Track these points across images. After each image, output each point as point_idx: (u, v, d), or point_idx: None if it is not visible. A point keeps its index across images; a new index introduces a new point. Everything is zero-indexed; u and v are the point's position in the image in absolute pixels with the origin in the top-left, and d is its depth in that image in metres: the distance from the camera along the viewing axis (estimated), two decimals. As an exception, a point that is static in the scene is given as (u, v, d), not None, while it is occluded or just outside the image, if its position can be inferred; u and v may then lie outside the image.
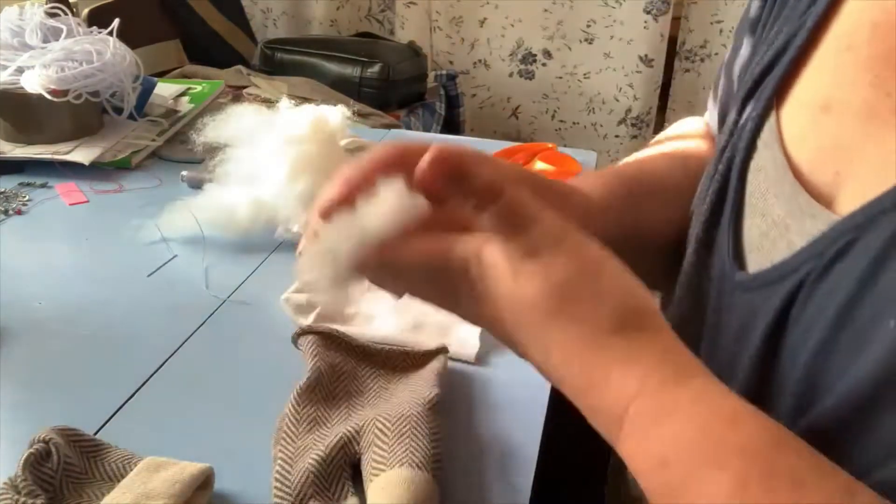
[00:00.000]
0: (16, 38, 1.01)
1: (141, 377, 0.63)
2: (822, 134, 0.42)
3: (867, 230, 0.36)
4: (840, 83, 0.42)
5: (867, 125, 0.39)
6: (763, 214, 0.45)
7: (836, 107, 0.42)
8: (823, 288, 0.38)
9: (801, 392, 0.38)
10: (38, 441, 0.49)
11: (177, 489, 0.48)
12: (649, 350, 0.37)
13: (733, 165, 0.48)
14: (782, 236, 0.42)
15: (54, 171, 0.98)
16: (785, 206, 0.43)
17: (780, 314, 0.40)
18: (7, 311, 0.70)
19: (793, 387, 0.39)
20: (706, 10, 2.11)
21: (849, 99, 0.41)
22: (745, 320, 0.43)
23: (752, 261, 0.45)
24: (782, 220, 0.43)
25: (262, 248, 0.83)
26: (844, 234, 0.37)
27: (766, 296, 0.41)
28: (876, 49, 0.40)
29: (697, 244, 0.50)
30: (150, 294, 0.75)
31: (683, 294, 0.52)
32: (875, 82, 0.39)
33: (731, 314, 0.45)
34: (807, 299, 0.39)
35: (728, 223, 0.47)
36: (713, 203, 0.49)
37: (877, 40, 0.40)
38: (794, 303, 0.39)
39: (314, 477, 0.50)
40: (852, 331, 0.36)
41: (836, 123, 0.41)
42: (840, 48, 0.43)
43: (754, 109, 0.48)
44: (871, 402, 0.34)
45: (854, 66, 0.41)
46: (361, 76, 1.78)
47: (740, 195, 0.47)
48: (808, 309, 0.39)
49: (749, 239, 0.46)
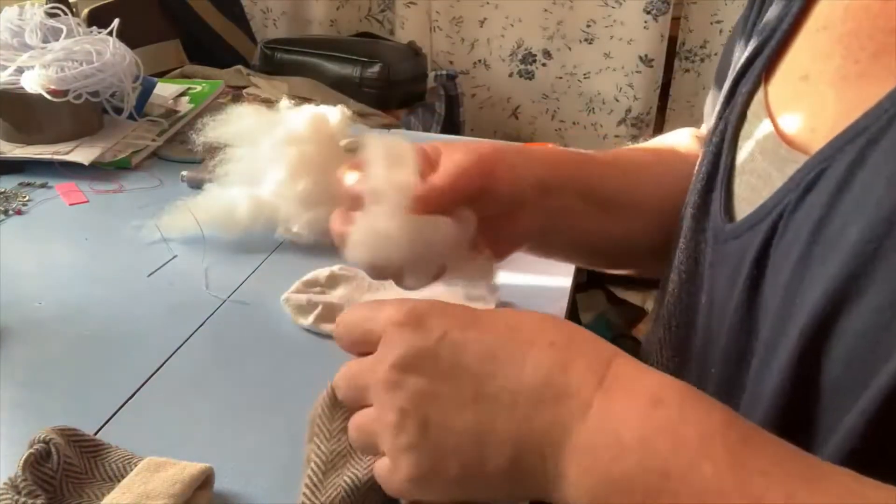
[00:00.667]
0: (16, 38, 1.01)
1: (141, 377, 0.63)
2: (801, 99, 0.48)
3: (834, 160, 0.40)
4: (817, 57, 0.48)
5: (838, 87, 0.45)
6: (751, 171, 0.49)
7: (813, 76, 0.47)
8: (799, 216, 0.42)
9: (781, 308, 0.41)
10: (39, 441, 0.49)
11: (177, 489, 0.48)
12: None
13: (726, 136, 0.53)
14: (766, 185, 0.46)
15: (54, 171, 0.98)
16: (769, 159, 0.47)
17: (763, 247, 0.44)
18: (7, 311, 0.70)
19: (775, 307, 0.42)
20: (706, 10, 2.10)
21: (823, 69, 0.46)
22: (735, 264, 0.47)
23: (741, 213, 0.49)
24: (766, 172, 0.47)
25: (262, 248, 0.83)
26: (815, 167, 0.41)
27: (752, 236, 0.45)
28: (847, 27, 0.46)
29: (694, 209, 0.54)
30: (150, 294, 0.75)
31: (682, 259, 0.55)
32: (845, 54, 0.45)
33: (723, 264, 0.49)
34: (785, 228, 0.43)
35: (720, 185, 0.52)
36: (708, 171, 0.54)
37: (849, 19, 0.46)
38: (775, 234, 0.43)
39: (345, 493, 0.48)
40: (822, 245, 0.39)
41: (813, 89, 0.47)
42: (818, 28, 0.49)
43: (744, 86, 0.53)
44: (838, 301, 0.37)
45: (828, 41, 0.47)
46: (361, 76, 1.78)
47: (732, 160, 0.52)
48: (787, 236, 0.42)
49: (738, 195, 0.50)
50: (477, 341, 0.39)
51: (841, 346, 0.37)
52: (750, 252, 0.45)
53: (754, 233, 0.45)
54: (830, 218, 0.39)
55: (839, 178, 0.39)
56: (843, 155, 0.40)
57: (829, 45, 0.47)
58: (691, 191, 0.56)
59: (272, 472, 0.54)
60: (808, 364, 0.38)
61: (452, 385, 0.38)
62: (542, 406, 0.37)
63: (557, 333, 0.39)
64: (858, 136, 0.39)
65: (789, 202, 0.43)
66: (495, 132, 2.27)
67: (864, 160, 0.39)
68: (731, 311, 0.46)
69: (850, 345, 0.36)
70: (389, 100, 1.79)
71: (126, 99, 1.05)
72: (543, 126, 2.27)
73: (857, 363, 0.36)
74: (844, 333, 0.36)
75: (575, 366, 0.37)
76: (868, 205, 0.37)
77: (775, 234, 0.43)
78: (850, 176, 0.39)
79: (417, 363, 0.39)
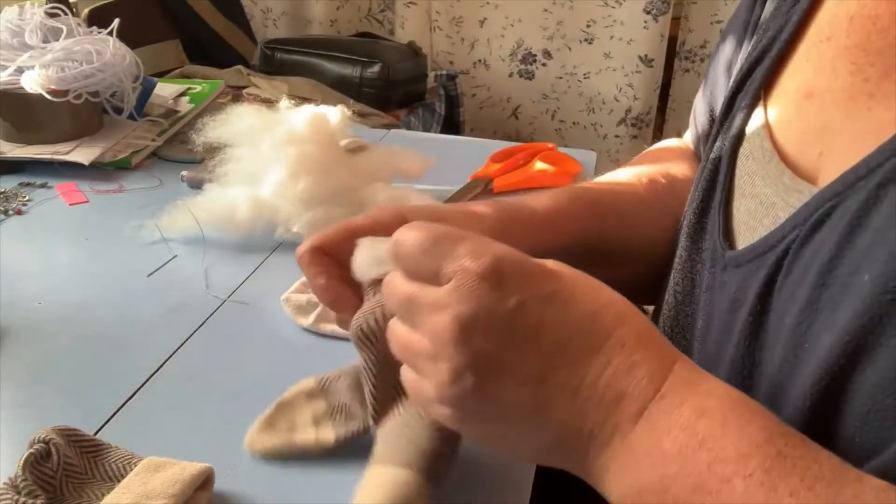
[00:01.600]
0: (15, 38, 1.01)
1: (141, 377, 0.63)
2: (806, 118, 0.45)
3: (846, 196, 0.39)
4: (821, 71, 0.45)
5: (847, 108, 0.42)
6: (751, 196, 0.47)
7: (819, 93, 0.45)
8: (806, 253, 0.40)
9: (789, 352, 0.40)
10: (38, 441, 0.49)
11: (177, 489, 0.48)
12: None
13: (723, 154, 0.51)
14: (768, 213, 0.45)
15: (54, 171, 0.98)
16: (771, 186, 0.46)
17: (768, 282, 0.43)
18: (7, 311, 0.70)
19: (781, 349, 0.41)
20: (706, 10, 2.11)
21: (829, 85, 0.44)
22: (736, 294, 0.45)
23: (741, 239, 0.47)
24: (768, 199, 0.45)
25: (262, 248, 0.83)
26: (824, 203, 0.40)
27: (755, 268, 0.44)
28: (853, 39, 0.43)
29: (690, 230, 0.53)
30: (150, 294, 0.75)
31: (678, 280, 0.54)
32: (852, 69, 0.43)
33: (723, 291, 0.47)
34: (791, 265, 0.41)
35: (718, 206, 0.50)
36: (704, 190, 0.52)
37: (854, 31, 0.43)
38: (780, 270, 0.42)
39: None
40: (833, 288, 0.38)
41: (819, 108, 0.45)
42: (821, 39, 0.46)
43: (742, 101, 0.51)
44: (852, 352, 0.36)
45: (834, 55, 0.45)
46: (361, 76, 1.78)
47: (730, 181, 0.50)
48: (793, 274, 0.41)
49: (738, 219, 0.49)
50: (554, 324, 0.38)
51: (856, 399, 0.36)
52: (753, 286, 0.44)
53: (757, 265, 0.44)
54: (841, 260, 0.38)
55: (851, 219, 0.38)
56: (856, 193, 0.38)
57: (834, 59, 0.44)
58: (687, 209, 0.55)
59: (272, 473, 0.54)
60: (821, 416, 0.37)
61: (519, 359, 0.37)
62: (601, 406, 0.37)
63: (631, 331, 0.38)
64: (871, 172, 0.38)
65: (796, 238, 0.41)
66: (495, 132, 2.27)
67: (878, 201, 0.37)
68: (732, 344, 0.45)
69: (865, 398, 0.35)
70: (389, 100, 1.79)
71: (126, 99, 1.05)
72: (543, 126, 2.27)
73: (874, 418, 0.35)
74: (861, 386, 0.36)
75: (638, 370, 0.37)
76: (882, 251, 0.35)
77: (780, 271, 0.42)
78: (864, 217, 0.37)
79: (487, 326, 0.37)
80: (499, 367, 0.38)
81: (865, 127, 0.41)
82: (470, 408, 0.39)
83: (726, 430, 0.35)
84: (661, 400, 0.37)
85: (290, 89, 1.61)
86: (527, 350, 0.38)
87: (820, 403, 0.37)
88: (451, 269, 0.38)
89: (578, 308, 0.38)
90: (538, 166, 1.00)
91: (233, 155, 0.85)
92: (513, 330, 0.37)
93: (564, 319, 0.38)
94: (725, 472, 0.34)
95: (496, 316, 0.37)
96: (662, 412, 0.36)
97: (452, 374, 0.38)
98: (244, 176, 0.84)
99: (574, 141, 2.22)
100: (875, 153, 0.38)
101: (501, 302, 0.37)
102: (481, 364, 0.37)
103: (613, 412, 0.37)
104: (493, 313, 0.37)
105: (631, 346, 0.38)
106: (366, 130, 1.29)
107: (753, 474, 0.33)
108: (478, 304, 0.37)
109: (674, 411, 0.36)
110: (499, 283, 0.37)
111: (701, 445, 0.35)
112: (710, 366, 0.47)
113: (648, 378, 0.37)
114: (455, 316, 0.37)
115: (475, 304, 0.37)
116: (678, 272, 0.54)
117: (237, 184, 0.84)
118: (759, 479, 0.33)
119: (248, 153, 0.85)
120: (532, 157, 1.03)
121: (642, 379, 0.37)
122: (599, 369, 0.38)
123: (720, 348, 0.47)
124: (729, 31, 0.62)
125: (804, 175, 0.44)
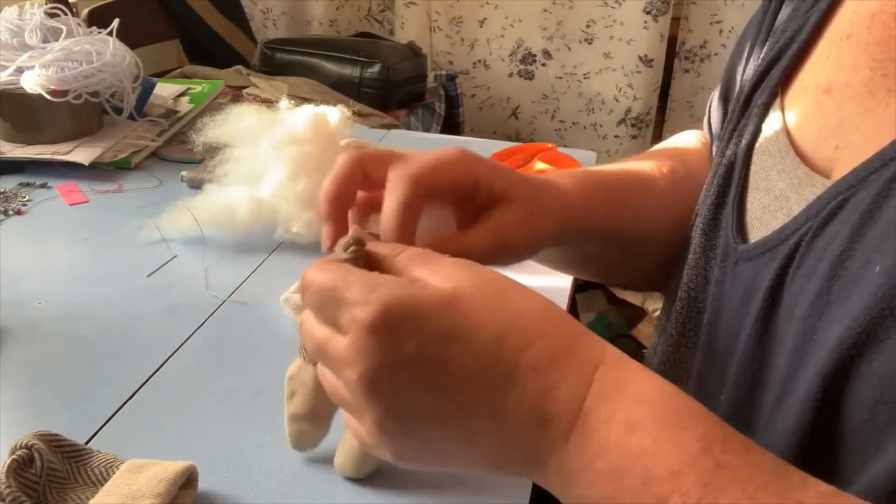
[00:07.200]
0: (15, 38, 1.01)
1: (140, 377, 0.63)
2: (824, 113, 0.46)
3: (858, 189, 0.39)
4: (841, 67, 0.46)
5: (865, 102, 0.43)
6: (766, 191, 0.48)
7: (838, 88, 0.45)
8: (818, 245, 0.40)
9: (798, 344, 0.40)
10: (21, 447, 0.49)
11: (162, 488, 0.48)
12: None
13: (739, 149, 0.51)
14: (782, 207, 0.45)
15: (54, 171, 0.98)
16: (786, 180, 0.46)
17: (779, 275, 0.43)
18: (7, 311, 0.70)
19: (791, 341, 0.41)
20: (706, 10, 2.10)
21: (849, 81, 0.44)
22: (747, 288, 0.45)
23: (754, 233, 0.47)
24: (783, 193, 0.46)
25: (262, 248, 0.83)
26: (837, 195, 0.40)
27: (767, 260, 0.44)
28: (874, 36, 0.44)
29: (704, 225, 0.53)
30: (149, 294, 0.75)
31: (692, 276, 0.54)
32: (872, 65, 0.43)
33: (734, 284, 0.47)
34: (803, 257, 0.41)
35: (733, 201, 0.50)
36: (720, 186, 0.52)
37: (875, 28, 0.44)
38: (792, 262, 0.42)
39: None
40: (844, 280, 0.38)
41: (837, 103, 0.45)
42: (842, 36, 0.47)
43: (760, 97, 0.51)
44: (861, 343, 0.36)
45: (854, 51, 0.45)
46: (361, 76, 1.78)
47: (745, 176, 0.50)
48: (805, 266, 0.41)
49: (752, 214, 0.49)
50: (456, 362, 0.37)
51: (865, 389, 0.35)
52: (764, 279, 0.43)
53: (769, 258, 0.44)
54: (852, 252, 0.38)
55: (863, 211, 0.38)
56: (869, 186, 0.38)
57: (854, 55, 0.45)
58: (701, 203, 0.54)
59: (272, 473, 0.54)
60: (829, 407, 0.37)
61: (433, 399, 0.37)
62: (528, 431, 0.37)
63: (542, 349, 0.37)
64: (885, 166, 0.38)
65: (808, 230, 0.41)
66: (495, 132, 2.27)
67: (890, 194, 0.37)
68: (743, 339, 0.45)
69: (874, 389, 0.35)
70: (389, 100, 1.79)
71: (126, 99, 1.05)
72: (543, 126, 2.27)
73: (883, 409, 0.35)
74: (869, 377, 0.35)
75: (557, 392, 0.36)
76: (894, 244, 0.35)
77: (792, 263, 0.42)
78: (875, 209, 0.37)
79: (390, 378, 0.37)
80: (413, 410, 0.37)
81: (883, 121, 0.41)
82: (406, 449, 0.39)
83: (658, 446, 0.34)
84: (588, 416, 0.36)
85: (290, 89, 1.61)
86: (437, 389, 0.37)
87: (828, 394, 0.37)
88: (346, 321, 0.37)
89: (478, 339, 0.37)
90: (538, 166, 1.00)
91: (232, 155, 0.85)
92: (416, 373, 0.37)
93: (466, 355, 0.37)
94: (661, 492, 0.33)
95: (396, 367, 0.37)
96: (590, 430, 0.35)
97: (375, 424, 0.38)
98: (244, 176, 0.84)
99: (574, 141, 2.21)
100: (889, 147, 0.38)
101: (396, 352, 0.36)
102: (398, 411, 0.37)
103: (542, 436, 0.36)
104: (392, 365, 0.37)
105: (544, 368, 0.37)
106: (366, 131, 1.29)
107: (690, 491, 0.32)
108: (376, 359, 0.37)
109: (601, 428, 0.35)
110: (389, 333, 0.36)
111: (634, 463, 0.34)
112: (720, 361, 0.47)
113: (569, 396, 0.36)
114: (360, 374, 0.37)
115: (374, 360, 0.37)
116: (692, 268, 0.53)
117: (237, 184, 0.84)
118: (697, 495, 0.32)
119: (247, 153, 0.85)
120: (532, 157, 1.03)
121: (562, 400, 0.36)
122: (516, 399, 0.37)
123: (731, 343, 0.46)
124: (747, 33, 0.62)
125: (819, 170, 0.44)
